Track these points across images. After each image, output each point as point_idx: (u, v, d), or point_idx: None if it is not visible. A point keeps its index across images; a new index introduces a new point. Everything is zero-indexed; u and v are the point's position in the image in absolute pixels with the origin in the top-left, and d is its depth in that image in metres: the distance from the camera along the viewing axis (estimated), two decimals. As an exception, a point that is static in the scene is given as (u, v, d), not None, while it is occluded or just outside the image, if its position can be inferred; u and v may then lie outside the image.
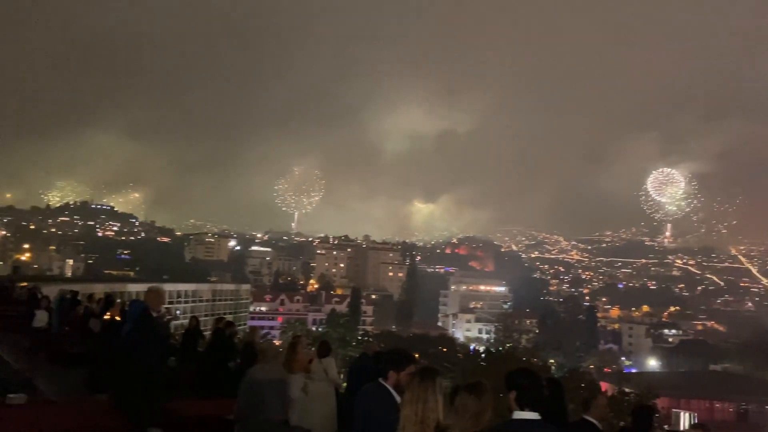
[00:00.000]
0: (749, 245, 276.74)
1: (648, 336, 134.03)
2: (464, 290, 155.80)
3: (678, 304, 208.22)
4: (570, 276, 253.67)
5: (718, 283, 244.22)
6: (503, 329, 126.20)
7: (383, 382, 5.73)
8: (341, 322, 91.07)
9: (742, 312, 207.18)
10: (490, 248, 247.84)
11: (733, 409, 70.47)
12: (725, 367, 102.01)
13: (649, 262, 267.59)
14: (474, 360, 67.06)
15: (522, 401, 4.60)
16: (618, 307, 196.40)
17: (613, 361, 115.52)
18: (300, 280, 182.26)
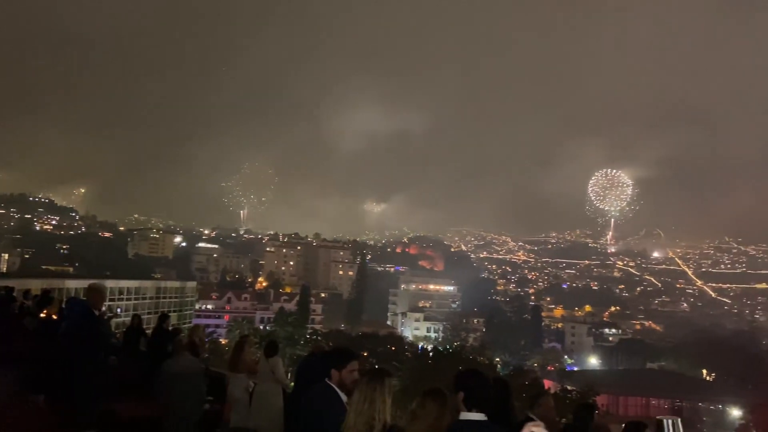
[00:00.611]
0: (686, 248, 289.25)
1: (589, 335, 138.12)
2: (414, 289, 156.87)
3: (618, 304, 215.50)
4: (517, 276, 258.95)
5: (656, 284, 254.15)
6: (451, 328, 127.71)
7: (329, 382, 5.74)
8: (290, 320, 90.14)
9: (677, 312, 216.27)
10: (440, 248, 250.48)
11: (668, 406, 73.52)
12: (661, 365, 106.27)
13: (592, 263, 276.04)
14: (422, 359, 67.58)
15: (470, 402, 4.65)
16: (562, 306, 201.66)
17: (556, 360, 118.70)
18: (248, 278, 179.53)
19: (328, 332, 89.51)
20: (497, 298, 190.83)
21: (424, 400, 4.64)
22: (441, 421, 4.54)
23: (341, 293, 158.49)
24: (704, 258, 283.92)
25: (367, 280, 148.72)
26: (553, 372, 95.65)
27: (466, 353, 73.62)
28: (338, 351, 6.40)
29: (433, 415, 4.56)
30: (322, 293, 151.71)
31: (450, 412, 4.65)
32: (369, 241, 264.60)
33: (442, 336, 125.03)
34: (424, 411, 4.58)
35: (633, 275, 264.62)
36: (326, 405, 5.53)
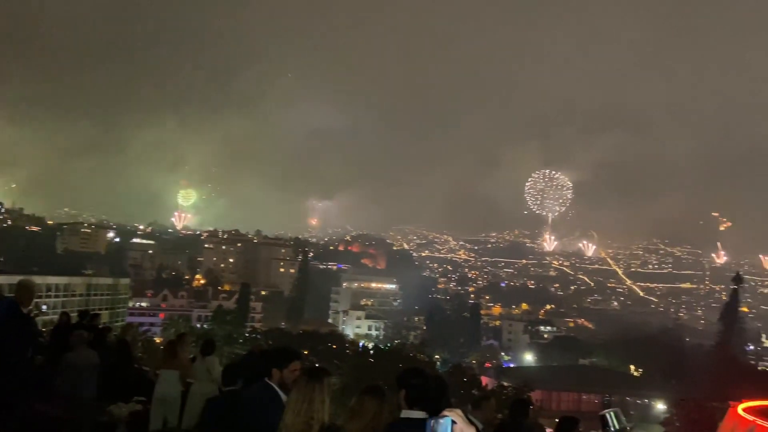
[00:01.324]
0: (617, 249, 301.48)
1: (525, 332, 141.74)
2: (356, 287, 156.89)
3: (553, 302, 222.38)
4: (457, 275, 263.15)
5: (589, 283, 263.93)
6: (392, 326, 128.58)
7: (269, 381, 5.68)
8: (228, 319, 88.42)
9: (608, 310, 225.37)
10: (383, 246, 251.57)
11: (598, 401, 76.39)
12: (592, 361, 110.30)
13: (529, 262, 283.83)
14: (363, 357, 67.67)
15: (411, 400, 4.71)
16: (500, 305, 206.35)
17: (493, 357, 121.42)
18: (185, 275, 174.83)
19: (268, 331, 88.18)
20: (438, 296, 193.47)
21: (363, 398, 4.61)
22: (379, 418, 4.52)
23: (282, 291, 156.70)
24: (633, 258, 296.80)
25: (309, 278, 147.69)
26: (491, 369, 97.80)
27: (407, 351, 74.24)
28: (281, 350, 6.32)
29: (372, 412, 4.53)
30: (262, 291, 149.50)
31: (390, 410, 4.62)
32: (311, 238, 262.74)
33: (383, 334, 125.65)
34: (362, 408, 4.55)
35: (567, 274, 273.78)
36: (266, 404, 5.44)
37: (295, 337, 77.47)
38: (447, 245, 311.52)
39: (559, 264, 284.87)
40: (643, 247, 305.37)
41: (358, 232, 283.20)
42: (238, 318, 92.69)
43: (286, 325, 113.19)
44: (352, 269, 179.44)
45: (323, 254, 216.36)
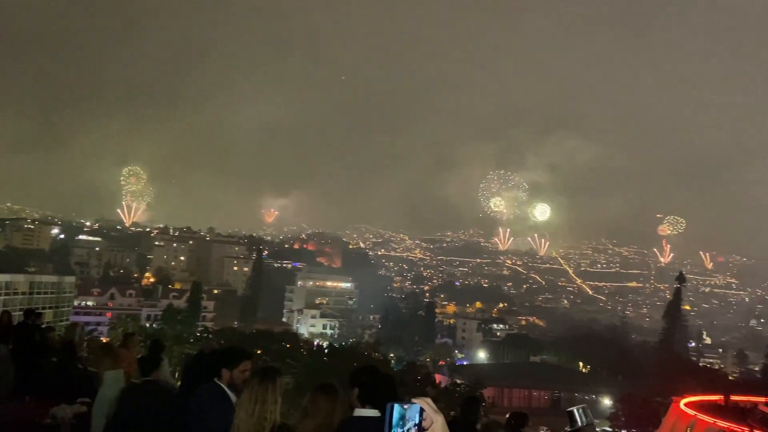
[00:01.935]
0: (567, 249, 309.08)
1: (479, 330, 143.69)
2: (311, 286, 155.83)
3: (506, 300, 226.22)
4: (413, 273, 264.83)
5: (541, 282, 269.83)
6: (347, 325, 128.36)
7: (218, 381, 5.59)
8: (179, 318, 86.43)
9: (559, 308, 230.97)
10: (339, 245, 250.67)
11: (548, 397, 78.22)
12: (543, 358, 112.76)
13: (483, 261, 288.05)
14: (317, 356, 67.34)
15: (364, 398, 4.71)
16: (454, 303, 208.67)
17: (447, 354, 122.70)
18: (134, 273, 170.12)
19: (220, 330, 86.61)
20: (393, 295, 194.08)
21: (315, 396, 4.59)
22: (332, 416, 4.49)
23: (235, 290, 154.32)
24: (583, 258, 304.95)
25: (263, 276, 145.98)
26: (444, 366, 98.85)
27: (362, 350, 74.23)
28: (230, 350, 6.27)
29: (324, 410, 4.50)
30: (215, 290, 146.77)
31: (343, 408, 4.59)
32: (266, 236, 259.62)
33: (338, 333, 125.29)
34: (315, 407, 4.52)
35: (520, 273, 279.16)
36: (214, 405, 5.36)
37: (248, 337, 76.38)
38: (403, 244, 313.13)
39: (512, 263, 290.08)
40: (592, 246, 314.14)
41: (313, 231, 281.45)
42: (189, 317, 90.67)
43: (239, 324, 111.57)
44: (308, 268, 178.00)
45: (278, 252, 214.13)
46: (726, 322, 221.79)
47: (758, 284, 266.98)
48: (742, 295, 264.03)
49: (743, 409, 56.30)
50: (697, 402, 58.27)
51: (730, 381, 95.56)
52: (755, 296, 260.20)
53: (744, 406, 57.84)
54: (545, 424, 66.48)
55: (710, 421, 50.68)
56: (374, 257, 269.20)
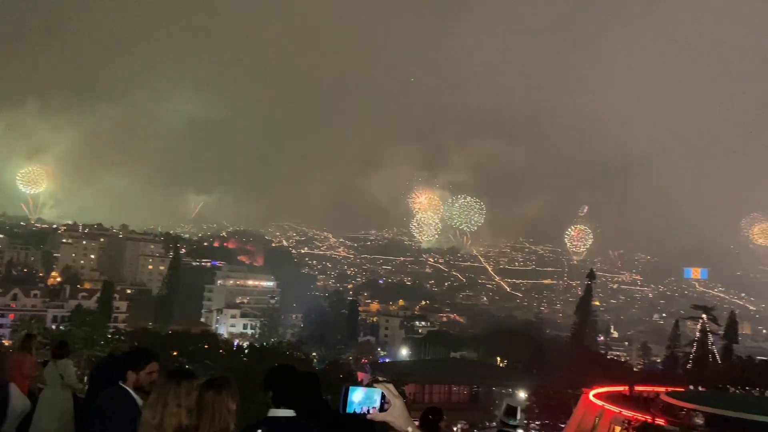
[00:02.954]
0: (488, 247, 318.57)
1: (401, 328, 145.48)
2: (231, 285, 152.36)
3: (428, 298, 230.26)
4: (336, 272, 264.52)
5: (462, 279, 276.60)
6: (269, 324, 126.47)
7: (123, 384, 5.41)
8: (88, 319, 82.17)
9: (478, 305, 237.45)
10: (261, 243, 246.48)
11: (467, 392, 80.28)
12: (463, 354, 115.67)
13: (406, 260, 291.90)
14: (237, 356, 66.04)
15: (278, 399, 4.70)
16: (378, 301, 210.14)
17: (370, 352, 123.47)
18: (39, 272, 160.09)
19: (133, 331, 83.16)
20: (317, 293, 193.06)
21: (203, 392, 4.43)
22: (222, 411, 4.35)
23: (150, 290, 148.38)
24: (502, 256, 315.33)
25: (181, 275, 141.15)
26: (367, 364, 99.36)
27: (283, 349, 73.42)
28: (136, 352, 6.18)
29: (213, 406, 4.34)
30: (128, 289, 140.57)
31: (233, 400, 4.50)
32: (184, 234, 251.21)
33: (259, 332, 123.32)
34: (203, 402, 4.36)
35: (442, 271, 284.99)
36: (118, 408, 5.24)
37: (163, 338, 73.81)
38: (327, 242, 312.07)
39: (434, 261, 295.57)
40: (510, 245, 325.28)
41: (234, 228, 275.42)
42: (99, 319, 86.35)
43: (153, 325, 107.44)
44: (228, 266, 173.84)
45: (197, 251, 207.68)
46: (631, 316, 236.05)
47: (661, 281, 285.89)
48: (646, 291, 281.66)
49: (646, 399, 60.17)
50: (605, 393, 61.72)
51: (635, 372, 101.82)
52: (658, 292, 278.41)
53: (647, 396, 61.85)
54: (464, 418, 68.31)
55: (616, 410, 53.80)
56: (297, 255, 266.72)
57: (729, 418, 47.54)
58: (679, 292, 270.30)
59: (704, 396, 59.98)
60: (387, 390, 2.94)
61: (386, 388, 2.96)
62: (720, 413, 48.68)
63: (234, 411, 4.45)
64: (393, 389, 2.97)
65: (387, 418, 2.96)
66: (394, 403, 2.92)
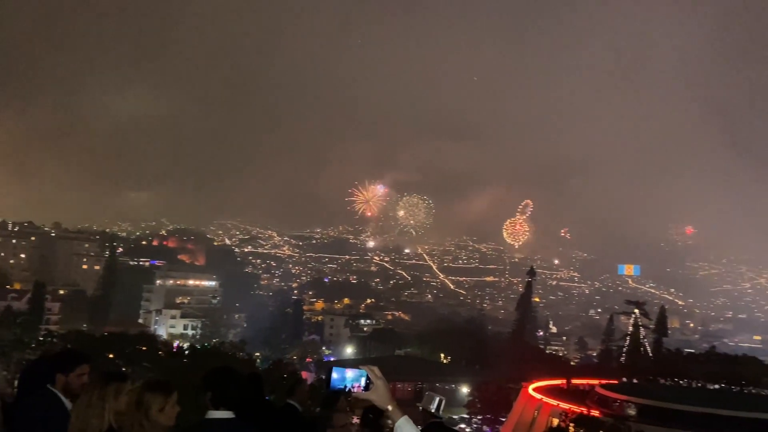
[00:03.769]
0: (432, 245, 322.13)
1: (347, 326, 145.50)
2: (171, 285, 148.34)
3: (374, 296, 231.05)
4: (281, 270, 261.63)
5: (407, 277, 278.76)
6: (211, 324, 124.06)
7: (52, 387, 5.29)
8: (18, 321, 78.53)
9: (423, 303, 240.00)
10: (203, 241, 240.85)
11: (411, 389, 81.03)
12: (407, 351, 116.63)
13: (352, 258, 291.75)
14: (177, 357, 64.49)
15: (216, 401, 4.65)
16: (323, 300, 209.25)
17: (314, 351, 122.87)
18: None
19: (66, 334, 79.77)
20: (260, 292, 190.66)
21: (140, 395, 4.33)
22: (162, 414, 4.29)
23: (85, 290, 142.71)
24: (446, 254, 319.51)
25: (117, 275, 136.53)
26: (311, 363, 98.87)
27: (226, 349, 72.13)
28: (65, 353, 5.97)
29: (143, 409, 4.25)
30: (60, 290, 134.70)
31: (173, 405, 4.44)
32: (121, 232, 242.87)
33: (200, 333, 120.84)
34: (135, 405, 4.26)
35: (387, 269, 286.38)
36: (45, 412, 5.13)
37: (98, 340, 71.22)
38: (271, 241, 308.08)
39: (380, 260, 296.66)
40: (454, 243, 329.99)
41: (175, 227, 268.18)
42: (30, 320, 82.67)
43: (88, 327, 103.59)
44: (167, 266, 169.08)
45: (135, 250, 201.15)
46: (569, 312, 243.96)
47: (596, 277, 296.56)
48: (583, 288, 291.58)
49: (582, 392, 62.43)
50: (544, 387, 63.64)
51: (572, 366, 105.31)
52: (594, 288, 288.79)
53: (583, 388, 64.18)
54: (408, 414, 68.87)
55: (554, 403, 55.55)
56: (240, 254, 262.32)
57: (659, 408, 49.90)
58: (614, 288, 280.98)
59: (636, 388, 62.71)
60: (371, 372, 3.37)
61: (371, 370, 3.39)
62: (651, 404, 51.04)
63: (170, 415, 4.36)
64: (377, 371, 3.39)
65: (370, 396, 3.40)
66: (377, 384, 3.35)
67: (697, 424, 45.73)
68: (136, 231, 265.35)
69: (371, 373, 3.37)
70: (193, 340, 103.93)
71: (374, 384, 3.38)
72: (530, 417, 56.77)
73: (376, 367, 3.46)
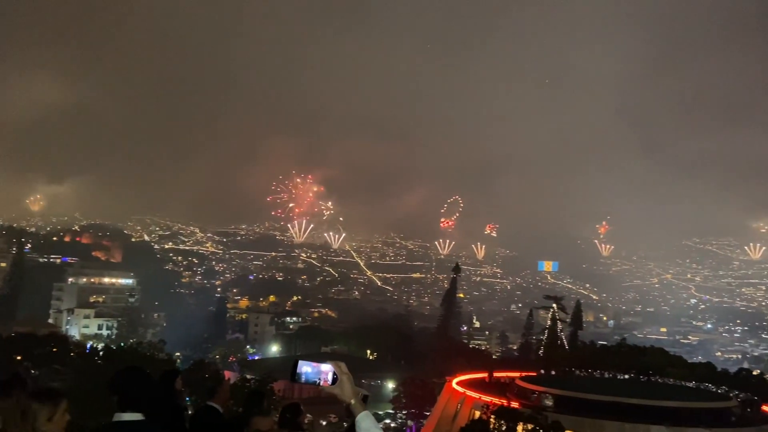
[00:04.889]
0: (360, 242, 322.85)
1: (272, 324, 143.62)
2: (84, 283, 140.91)
3: (300, 293, 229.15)
4: (203, 268, 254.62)
5: (334, 274, 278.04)
6: (127, 324, 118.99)
7: None
8: None
9: (350, 300, 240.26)
10: (119, 237, 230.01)
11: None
12: (334, 348, 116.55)
13: (278, 255, 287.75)
14: (90, 359, 61.51)
15: (123, 403, 4.49)
16: (248, 297, 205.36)
17: (238, 350, 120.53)
18: None
19: (-34, 335, 74.16)
20: (182, 290, 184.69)
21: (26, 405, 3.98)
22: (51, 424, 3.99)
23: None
24: (374, 251, 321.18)
25: (25, 272, 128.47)
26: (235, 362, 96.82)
27: (143, 350, 69.31)
28: None
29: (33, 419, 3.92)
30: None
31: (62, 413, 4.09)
32: (29, 228, 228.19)
33: (116, 333, 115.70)
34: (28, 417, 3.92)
35: (315, 266, 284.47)
36: None
37: (4, 341, 66.65)
38: (193, 237, 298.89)
39: (307, 257, 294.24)
40: (382, 240, 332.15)
41: (89, 222, 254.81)
42: (-76, 322, 76.15)
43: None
44: (81, 263, 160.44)
45: (45, 246, 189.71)
46: (492, 307, 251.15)
47: (518, 273, 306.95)
48: (505, 283, 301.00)
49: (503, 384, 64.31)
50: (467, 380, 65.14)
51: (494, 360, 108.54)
52: (515, 284, 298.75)
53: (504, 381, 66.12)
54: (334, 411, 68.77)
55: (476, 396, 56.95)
56: (160, 251, 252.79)
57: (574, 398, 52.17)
58: (534, 284, 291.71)
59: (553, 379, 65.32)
60: (338, 367, 3.54)
61: (337, 366, 3.56)
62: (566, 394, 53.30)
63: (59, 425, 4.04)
64: (344, 367, 3.56)
65: (335, 390, 3.56)
66: (342, 379, 3.52)
67: (608, 412, 48.19)
68: (47, 226, 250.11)
69: (337, 368, 3.54)
70: (109, 341, 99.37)
71: (340, 379, 3.54)
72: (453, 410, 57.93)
73: (343, 363, 3.62)
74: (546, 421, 45.29)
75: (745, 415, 53.24)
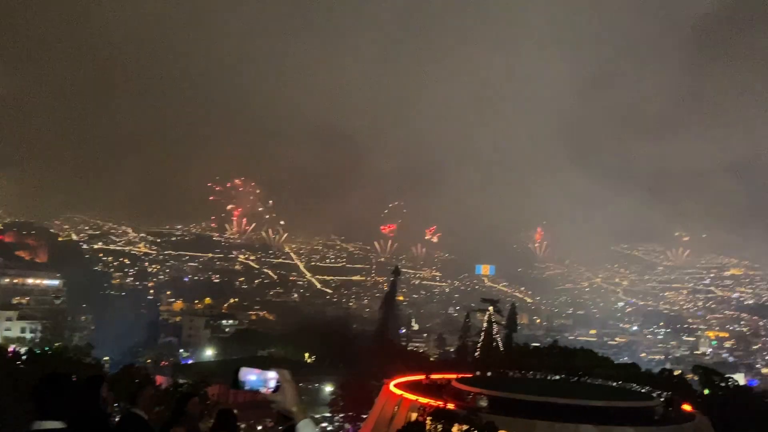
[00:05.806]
0: (300, 244, 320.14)
1: (207, 327, 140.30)
2: (6, 283, 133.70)
3: (237, 296, 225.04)
4: (135, 269, 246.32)
5: (273, 277, 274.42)
6: (52, 327, 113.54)
7: None
8: None
9: (289, 302, 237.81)
10: (45, 236, 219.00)
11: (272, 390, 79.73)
12: (271, 352, 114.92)
13: (215, 256, 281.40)
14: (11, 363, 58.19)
15: (43, 411, 4.35)
16: (182, 300, 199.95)
17: (171, 354, 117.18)
18: None
19: None
20: (112, 292, 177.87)
21: None
22: None
23: None
24: (314, 253, 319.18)
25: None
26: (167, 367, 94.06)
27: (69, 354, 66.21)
28: None
29: None
30: None
31: None
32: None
33: (41, 336, 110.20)
34: None
35: (253, 268, 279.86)
36: None
37: None
38: (125, 237, 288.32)
39: (245, 258, 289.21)
40: (322, 242, 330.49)
41: (12, 220, 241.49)
42: None
43: None
44: (3, 262, 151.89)
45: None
46: (430, 309, 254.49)
47: (456, 276, 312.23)
48: (444, 286, 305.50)
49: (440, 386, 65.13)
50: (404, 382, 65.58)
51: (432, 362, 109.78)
52: (453, 287, 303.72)
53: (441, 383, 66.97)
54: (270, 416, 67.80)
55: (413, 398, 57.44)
56: (90, 251, 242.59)
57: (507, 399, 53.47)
58: (471, 287, 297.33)
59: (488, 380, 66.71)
60: (282, 375, 3.54)
61: (281, 373, 3.54)
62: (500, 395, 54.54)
63: None
64: (287, 374, 3.56)
65: (277, 398, 3.54)
66: (285, 387, 3.52)
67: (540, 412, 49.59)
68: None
69: (281, 375, 3.53)
70: (32, 344, 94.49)
71: (283, 386, 3.53)
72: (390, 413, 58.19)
73: (287, 371, 3.62)
74: (480, 422, 46.14)
75: (667, 413, 55.92)
